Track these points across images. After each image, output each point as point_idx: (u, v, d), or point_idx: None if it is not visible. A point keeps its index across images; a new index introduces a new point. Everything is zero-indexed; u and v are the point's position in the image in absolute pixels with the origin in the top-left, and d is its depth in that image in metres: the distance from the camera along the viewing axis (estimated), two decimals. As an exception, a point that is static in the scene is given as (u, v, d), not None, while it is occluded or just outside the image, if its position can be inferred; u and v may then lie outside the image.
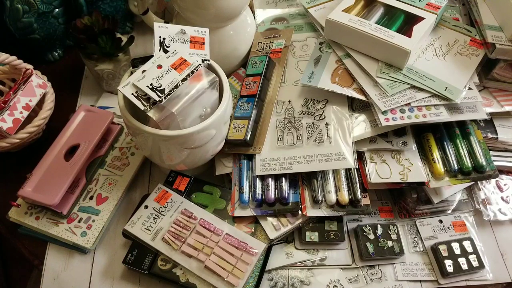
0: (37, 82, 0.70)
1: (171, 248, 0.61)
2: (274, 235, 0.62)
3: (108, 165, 0.71)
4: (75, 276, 0.63)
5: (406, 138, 0.65)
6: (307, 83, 0.67)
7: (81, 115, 0.70)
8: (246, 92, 0.70)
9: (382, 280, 0.62)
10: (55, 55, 0.88)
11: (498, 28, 0.68)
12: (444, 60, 0.68)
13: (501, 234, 0.67)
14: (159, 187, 0.66)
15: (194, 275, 0.60)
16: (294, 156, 0.64)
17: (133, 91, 0.55)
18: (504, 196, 0.68)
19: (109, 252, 0.65)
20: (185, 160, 0.61)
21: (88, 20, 0.74)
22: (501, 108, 0.69)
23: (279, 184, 0.64)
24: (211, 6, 0.66)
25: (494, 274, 0.63)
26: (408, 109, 0.63)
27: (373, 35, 0.66)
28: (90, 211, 0.66)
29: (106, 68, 0.76)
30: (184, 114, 0.56)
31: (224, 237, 0.62)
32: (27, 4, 0.75)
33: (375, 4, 0.72)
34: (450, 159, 0.63)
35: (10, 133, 0.66)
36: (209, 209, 0.65)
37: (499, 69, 0.68)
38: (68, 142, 0.67)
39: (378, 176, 0.63)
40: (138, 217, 0.63)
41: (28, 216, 0.65)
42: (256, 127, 0.68)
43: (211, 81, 0.58)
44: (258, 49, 0.77)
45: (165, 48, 0.59)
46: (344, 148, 0.63)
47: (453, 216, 0.66)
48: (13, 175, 0.70)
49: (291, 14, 0.81)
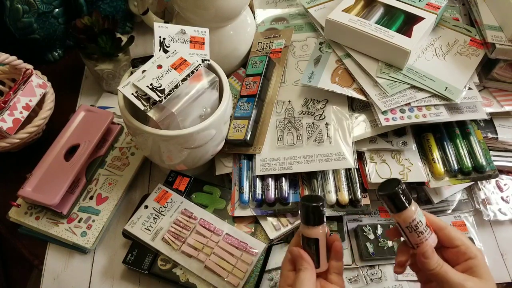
0: (37, 82, 0.70)
1: (171, 248, 0.61)
2: (274, 235, 0.62)
3: (108, 165, 0.71)
4: (75, 276, 0.63)
5: (406, 138, 0.65)
6: (307, 83, 0.67)
7: (81, 115, 0.70)
8: (246, 92, 0.70)
9: (382, 280, 0.62)
10: (55, 55, 0.88)
11: (498, 28, 0.68)
12: (444, 60, 0.68)
13: (501, 234, 0.67)
14: (159, 187, 0.66)
15: (194, 275, 0.60)
16: (294, 156, 0.64)
17: (133, 91, 0.55)
18: (504, 196, 0.68)
19: (109, 252, 0.65)
20: (185, 160, 0.61)
21: (88, 20, 0.74)
22: (501, 108, 0.69)
23: (279, 184, 0.64)
24: (211, 6, 0.66)
25: (494, 274, 0.62)
26: (408, 109, 0.63)
27: (373, 35, 0.66)
28: (90, 211, 0.66)
29: (106, 68, 0.76)
30: (184, 114, 0.56)
31: (224, 237, 0.62)
32: (27, 4, 0.75)
33: (375, 4, 0.72)
34: (450, 159, 0.63)
35: (10, 133, 0.66)
36: (209, 209, 0.65)
37: (499, 69, 0.68)
38: (68, 142, 0.67)
39: (378, 176, 0.63)
40: (138, 217, 0.63)
41: (28, 216, 0.65)
42: (256, 127, 0.68)
43: (211, 81, 0.58)
44: (258, 49, 0.77)
45: (165, 48, 0.58)
46: (344, 148, 0.63)
47: (453, 216, 0.66)
48: (13, 175, 0.70)
49: (291, 14, 0.81)
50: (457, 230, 0.49)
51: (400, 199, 0.46)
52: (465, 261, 0.46)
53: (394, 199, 0.47)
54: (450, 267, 0.46)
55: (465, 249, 0.47)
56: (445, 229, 0.48)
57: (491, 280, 0.45)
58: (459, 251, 0.47)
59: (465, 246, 0.47)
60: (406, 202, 0.46)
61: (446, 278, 0.45)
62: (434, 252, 0.46)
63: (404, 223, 0.47)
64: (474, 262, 0.46)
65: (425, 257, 0.46)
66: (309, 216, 0.49)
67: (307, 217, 0.49)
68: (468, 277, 0.45)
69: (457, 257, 0.47)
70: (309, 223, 0.49)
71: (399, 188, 0.46)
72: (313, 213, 0.49)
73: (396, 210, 0.47)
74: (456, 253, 0.47)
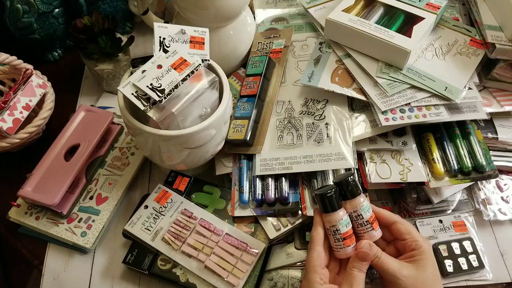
0: (37, 82, 0.70)
1: (171, 248, 0.61)
2: (274, 235, 0.62)
3: (108, 165, 0.71)
4: (75, 276, 0.63)
5: (406, 138, 0.65)
6: (307, 83, 0.67)
7: (81, 115, 0.70)
8: (246, 92, 0.70)
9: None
10: (55, 55, 0.88)
11: (498, 28, 0.68)
12: (444, 60, 0.68)
13: (501, 234, 0.67)
14: (159, 187, 0.66)
15: (194, 275, 0.60)
16: (294, 156, 0.64)
17: (133, 91, 0.55)
18: (504, 196, 0.68)
19: (109, 252, 0.65)
20: (185, 160, 0.61)
21: (88, 20, 0.74)
22: (501, 108, 0.69)
23: (279, 184, 0.64)
24: (211, 6, 0.66)
25: (494, 274, 0.63)
26: (408, 109, 0.63)
27: (373, 35, 0.66)
28: (90, 211, 0.66)
29: (106, 68, 0.76)
30: (184, 114, 0.56)
31: (224, 237, 0.62)
32: (27, 4, 0.75)
33: (375, 4, 0.72)
34: (450, 159, 0.63)
35: (10, 133, 0.66)
36: (209, 209, 0.65)
37: (499, 69, 0.68)
38: (68, 142, 0.67)
39: (378, 176, 0.63)
40: (138, 217, 0.63)
41: (28, 216, 0.65)
42: (256, 127, 0.68)
43: (211, 81, 0.58)
44: (258, 49, 0.77)
45: (165, 48, 0.59)
46: (344, 148, 0.63)
47: (453, 216, 0.66)
48: (13, 175, 0.70)
49: (291, 14, 0.81)
50: (408, 224, 0.55)
51: (325, 202, 0.54)
52: (410, 252, 0.53)
53: (322, 201, 0.54)
54: (389, 257, 0.52)
55: (411, 242, 0.53)
56: (395, 224, 0.55)
57: (430, 269, 0.51)
58: (406, 243, 0.53)
59: (411, 239, 0.53)
60: (330, 208, 0.53)
61: (384, 267, 0.51)
62: (372, 245, 0.52)
63: (326, 224, 0.54)
64: (416, 252, 0.52)
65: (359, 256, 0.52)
66: (322, 204, 0.54)
67: (321, 206, 0.54)
68: (405, 265, 0.52)
69: (405, 248, 0.54)
70: (325, 211, 0.54)
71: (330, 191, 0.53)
72: (322, 202, 0.54)
73: (323, 211, 0.55)
74: (404, 245, 0.54)
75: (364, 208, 0.54)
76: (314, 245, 0.54)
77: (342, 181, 0.54)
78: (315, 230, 0.55)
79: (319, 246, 0.53)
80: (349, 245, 0.53)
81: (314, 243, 0.54)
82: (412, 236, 0.53)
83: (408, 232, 0.54)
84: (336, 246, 0.54)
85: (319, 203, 0.55)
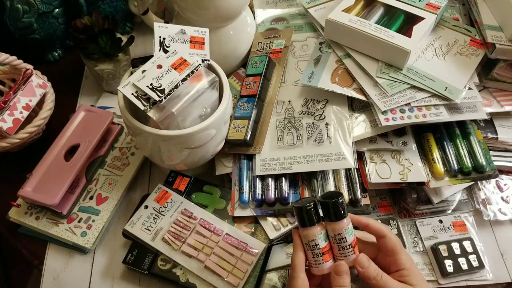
0: (37, 82, 0.70)
1: (171, 248, 0.61)
2: (274, 235, 0.62)
3: (108, 165, 0.71)
4: (75, 276, 0.63)
5: (406, 138, 0.65)
6: (307, 83, 0.67)
7: (81, 115, 0.70)
8: (246, 92, 0.70)
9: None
10: (55, 55, 0.88)
11: (498, 28, 0.68)
12: (444, 60, 0.68)
13: (501, 234, 0.67)
14: (159, 187, 0.66)
15: (194, 275, 0.60)
16: (294, 156, 0.64)
17: (133, 91, 0.55)
18: (504, 196, 0.68)
19: (109, 252, 0.65)
20: (185, 160, 0.61)
21: (88, 20, 0.74)
22: (501, 108, 0.69)
23: (279, 184, 0.64)
24: (211, 6, 0.66)
25: (494, 274, 0.63)
26: (408, 109, 0.63)
27: (373, 35, 0.66)
28: (90, 211, 0.66)
29: (106, 68, 0.76)
30: (184, 114, 0.56)
31: (224, 237, 0.62)
32: (27, 4, 0.75)
33: (375, 4, 0.72)
34: (450, 159, 0.63)
35: (10, 133, 0.66)
36: (209, 209, 0.65)
37: (499, 69, 0.69)
38: (68, 142, 0.67)
39: (378, 176, 0.63)
40: (138, 217, 0.63)
41: (28, 216, 0.65)
42: (256, 127, 0.68)
43: (211, 81, 0.58)
44: (258, 49, 0.77)
45: (165, 48, 0.59)
46: (344, 148, 0.63)
47: (453, 216, 0.66)
48: (13, 175, 0.70)
49: (291, 14, 0.81)
50: (397, 239, 0.52)
51: (303, 216, 0.50)
52: (398, 271, 0.51)
53: (300, 214, 0.51)
54: (390, 278, 0.50)
55: (395, 260, 0.51)
56: (383, 238, 0.52)
57: (424, 285, 0.51)
58: (390, 260, 0.51)
59: (396, 257, 0.51)
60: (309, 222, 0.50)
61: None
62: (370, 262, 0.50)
63: (304, 239, 0.51)
64: (405, 272, 0.50)
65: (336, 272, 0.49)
66: (300, 218, 0.51)
67: (299, 220, 0.51)
68: (404, 286, 0.49)
69: (390, 266, 0.52)
70: (303, 225, 0.51)
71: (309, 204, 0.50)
72: (299, 215, 0.51)
73: (300, 224, 0.51)
74: (389, 261, 0.52)
75: (348, 231, 0.50)
76: (297, 272, 0.50)
77: (330, 202, 0.49)
78: (295, 255, 0.51)
79: (302, 273, 0.50)
80: (327, 260, 0.50)
81: (297, 270, 0.50)
82: (397, 253, 0.51)
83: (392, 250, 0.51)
84: (315, 261, 0.50)
85: (298, 217, 0.51)
